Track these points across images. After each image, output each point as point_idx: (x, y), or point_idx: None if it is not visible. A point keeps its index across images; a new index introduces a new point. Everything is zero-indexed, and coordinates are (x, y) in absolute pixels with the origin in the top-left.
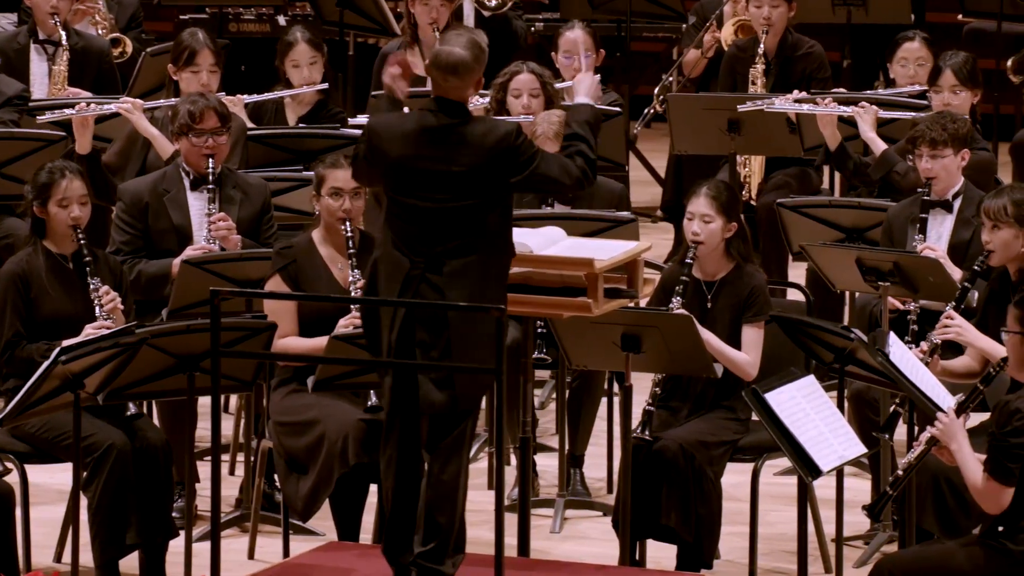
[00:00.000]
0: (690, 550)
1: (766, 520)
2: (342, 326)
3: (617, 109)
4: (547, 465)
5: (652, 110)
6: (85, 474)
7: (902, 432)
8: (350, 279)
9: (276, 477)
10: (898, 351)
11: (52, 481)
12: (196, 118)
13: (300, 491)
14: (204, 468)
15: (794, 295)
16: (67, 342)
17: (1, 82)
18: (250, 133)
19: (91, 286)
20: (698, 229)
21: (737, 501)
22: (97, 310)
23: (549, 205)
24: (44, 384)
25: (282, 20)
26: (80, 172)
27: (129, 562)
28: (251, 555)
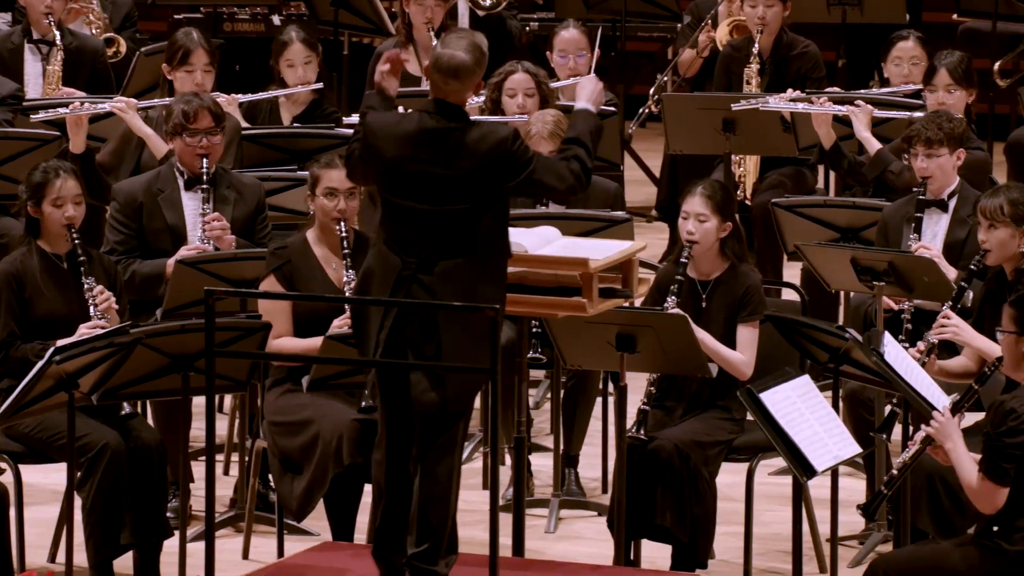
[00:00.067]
0: (685, 550)
1: (761, 520)
2: (336, 326)
3: (612, 109)
4: (542, 465)
5: (647, 110)
6: (79, 474)
7: (897, 432)
8: (344, 279)
9: (270, 477)
10: (893, 351)
11: (46, 481)
12: (190, 118)
13: (294, 491)
14: (198, 468)
15: (789, 295)
16: (61, 342)
17: None
18: (244, 133)
19: (85, 286)
20: (693, 228)
21: (732, 501)
22: (91, 310)
23: (544, 205)
24: (38, 384)
25: (277, 20)
26: (74, 172)
27: (123, 562)
28: (245, 555)
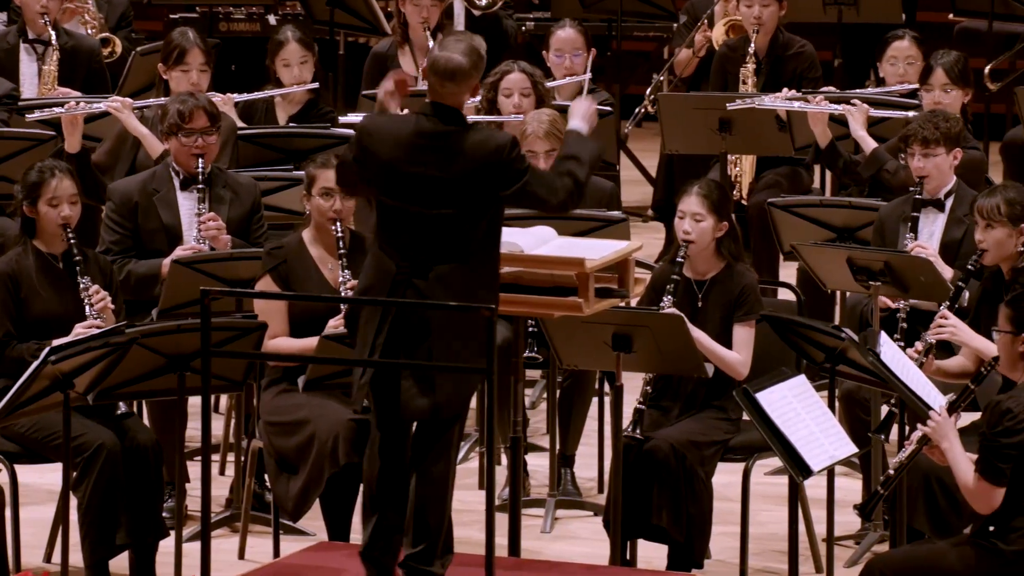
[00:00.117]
0: (681, 550)
1: (757, 520)
2: (332, 326)
3: (608, 109)
4: (538, 465)
5: (643, 109)
6: (75, 474)
7: (893, 432)
8: (340, 279)
9: (266, 477)
10: (889, 351)
11: (42, 481)
12: (186, 117)
13: (290, 491)
14: (194, 468)
15: (785, 294)
16: (57, 342)
17: None
18: (240, 132)
19: (81, 286)
20: (689, 228)
21: (728, 501)
22: (87, 309)
23: None
24: (34, 384)
25: (272, 19)
26: (70, 171)
27: (119, 562)
28: (241, 555)
